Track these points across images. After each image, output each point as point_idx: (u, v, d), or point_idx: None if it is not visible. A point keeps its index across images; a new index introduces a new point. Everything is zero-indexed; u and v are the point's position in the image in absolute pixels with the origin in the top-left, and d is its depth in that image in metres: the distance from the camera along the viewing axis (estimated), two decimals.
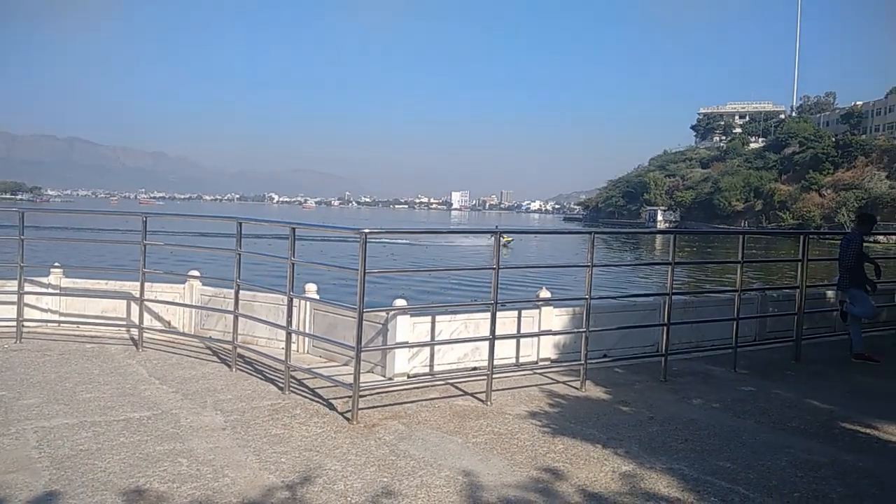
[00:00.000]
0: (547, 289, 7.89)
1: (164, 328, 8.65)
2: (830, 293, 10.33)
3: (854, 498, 4.40)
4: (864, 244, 8.92)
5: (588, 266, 6.75)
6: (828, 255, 10.53)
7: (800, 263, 8.53)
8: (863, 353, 8.57)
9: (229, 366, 7.15)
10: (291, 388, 6.35)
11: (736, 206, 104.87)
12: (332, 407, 5.92)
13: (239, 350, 7.23)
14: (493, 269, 6.19)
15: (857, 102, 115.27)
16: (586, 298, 6.79)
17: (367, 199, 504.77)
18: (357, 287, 5.51)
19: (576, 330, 7.67)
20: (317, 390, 6.37)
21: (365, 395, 5.92)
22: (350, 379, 5.64)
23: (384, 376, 7.08)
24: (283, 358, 6.38)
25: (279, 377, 6.58)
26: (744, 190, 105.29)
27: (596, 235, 7.19)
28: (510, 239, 47.68)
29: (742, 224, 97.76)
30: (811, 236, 8.95)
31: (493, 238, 6.44)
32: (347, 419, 5.58)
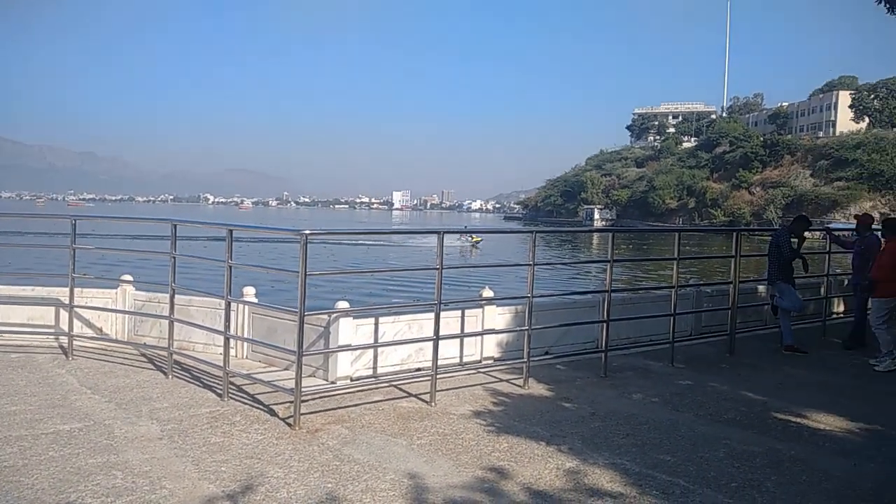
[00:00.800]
0: (490, 288, 7.91)
1: (95, 335, 8.33)
2: (762, 288, 10.70)
3: (787, 485, 4.54)
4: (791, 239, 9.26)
5: (530, 265, 6.80)
6: (758, 251, 10.89)
7: (733, 260, 8.80)
8: (793, 345, 8.90)
9: (165, 373, 6.93)
10: (230, 395, 6.19)
11: (670, 204, 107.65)
12: (273, 413, 5.80)
13: (175, 356, 7.01)
14: (437, 269, 6.17)
15: (783, 103, 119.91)
16: (528, 297, 6.85)
17: (307, 199, 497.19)
18: (298, 289, 5.41)
19: (518, 328, 7.72)
20: (257, 396, 6.22)
21: (307, 400, 5.81)
22: (291, 384, 5.53)
23: (327, 380, 6.97)
24: (221, 364, 6.21)
25: (217, 383, 6.41)
26: (677, 188, 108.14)
27: (537, 234, 7.25)
28: (479, 239, 47.86)
29: (676, 221, 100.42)
30: (743, 233, 9.24)
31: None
32: (289, 425, 5.47)
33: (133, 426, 5.39)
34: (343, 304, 7.00)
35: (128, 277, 8.65)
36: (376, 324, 7.32)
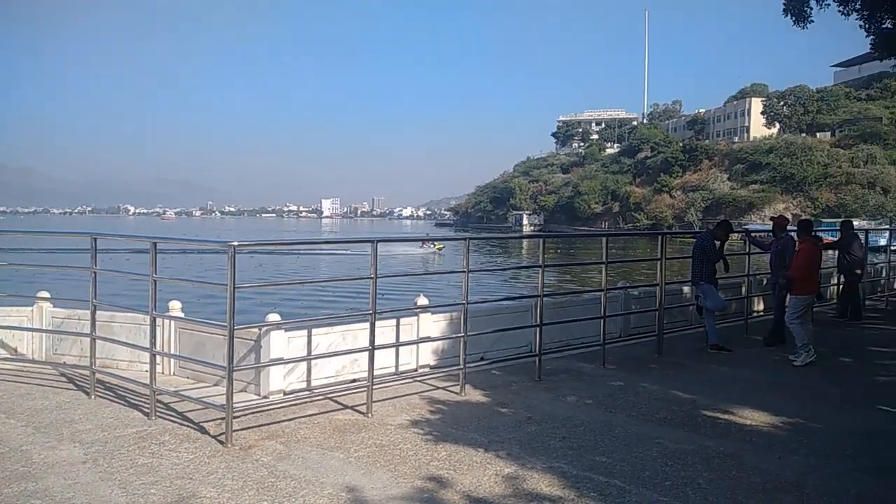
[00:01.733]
0: (424, 295, 7.90)
1: (9, 356, 7.90)
2: (686, 289, 11.04)
3: (718, 481, 4.68)
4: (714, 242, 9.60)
5: (464, 272, 6.82)
6: (680, 254, 11.24)
7: (658, 262, 9.05)
8: (717, 344, 9.22)
9: (87, 393, 6.61)
10: (158, 413, 5.96)
11: (595, 209, 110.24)
12: (203, 430, 5.61)
13: (98, 375, 6.70)
14: (371, 278, 6.11)
15: (701, 110, 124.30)
16: (463, 304, 6.87)
17: (232, 209, 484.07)
18: (227, 303, 5.26)
19: (454, 335, 7.72)
20: (186, 414, 6.01)
21: (239, 416, 5.66)
22: (222, 400, 5.37)
23: (259, 395, 6.80)
24: (147, 381, 5.97)
25: (144, 402, 6.16)
26: (602, 193, 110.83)
27: (470, 241, 7.28)
28: (442, 246, 47.58)
29: (602, 225, 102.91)
30: (667, 236, 9.52)
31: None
32: (221, 442, 5.30)
33: (53, 451, 5.12)
34: (274, 317, 6.85)
35: (44, 294, 8.24)
36: (309, 336, 7.18)
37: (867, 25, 13.50)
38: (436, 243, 46.22)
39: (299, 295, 23.49)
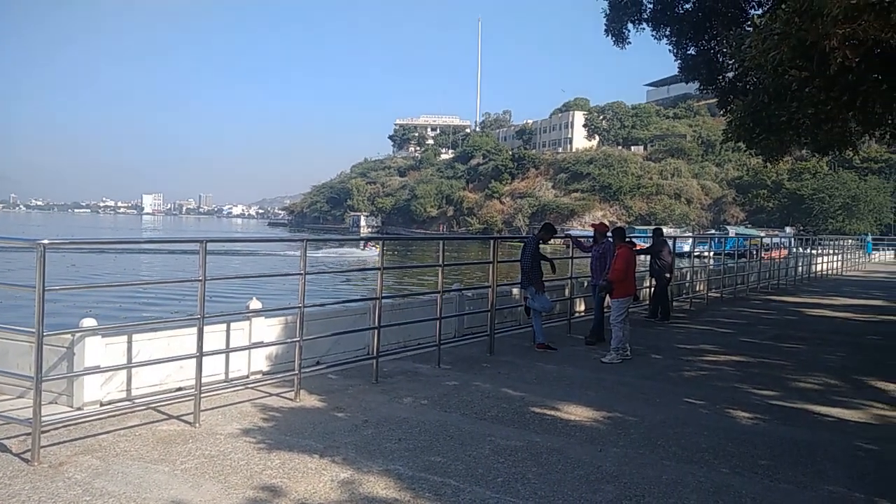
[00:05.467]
0: (258, 299, 7.62)
1: None
2: (516, 290, 11.53)
3: (546, 475, 4.92)
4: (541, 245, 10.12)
5: (301, 274, 6.67)
6: (509, 257, 11.70)
7: (491, 265, 9.37)
8: (544, 343, 9.71)
9: None
10: None
11: (431, 212, 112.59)
12: (4, 448, 5.04)
13: None
14: (199, 280, 5.80)
15: (529, 120, 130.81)
16: (299, 307, 6.70)
17: (40, 202, 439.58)
18: (35, 307, 4.77)
19: (289, 340, 7.52)
20: None
21: (48, 431, 5.15)
22: (28, 413, 4.86)
23: (72, 406, 6.22)
24: None
25: None
26: (437, 197, 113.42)
27: (308, 242, 7.12)
28: None
29: (441, 229, 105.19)
30: (499, 240, 9.90)
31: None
32: (26, 461, 4.79)
33: None
34: (90, 322, 6.30)
35: None
36: (130, 341, 6.68)
37: (675, 50, 14.90)
38: (376, 246, 44.79)
39: (119, 298, 21.85)
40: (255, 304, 7.49)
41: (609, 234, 10.73)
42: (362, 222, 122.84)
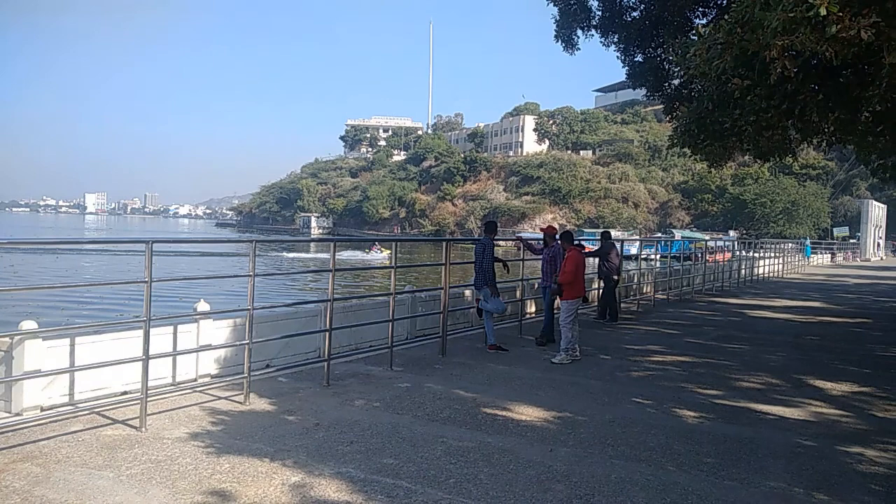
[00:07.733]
0: (206, 301, 7.48)
1: None
2: (468, 292, 11.59)
3: (497, 476, 4.95)
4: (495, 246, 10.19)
5: (250, 276, 6.58)
6: (461, 259, 11.78)
7: (444, 267, 9.40)
8: (495, 344, 9.78)
9: None
10: None
11: (383, 214, 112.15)
12: None
13: None
14: (146, 282, 5.67)
15: (480, 124, 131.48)
16: (248, 309, 6.61)
17: None
18: None
19: (238, 342, 7.40)
20: None
21: None
22: None
23: (10, 412, 6.02)
24: None
25: None
26: (389, 199, 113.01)
27: (257, 244, 7.02)
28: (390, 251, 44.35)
29: (395, 230, 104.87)
30: (451, 243, 9.94)
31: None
32: None
33: None
34: (30, 324, 6.11)
35: None
36: (72, 344, 6.50)
37: (623, 57, 15.18)
38: (383, 248, 44.42)
39: (62, 300, 21.18)
40: (202, 306, 7.35)
41: (557, 237, 10.86)
42: (313, 223, 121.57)
